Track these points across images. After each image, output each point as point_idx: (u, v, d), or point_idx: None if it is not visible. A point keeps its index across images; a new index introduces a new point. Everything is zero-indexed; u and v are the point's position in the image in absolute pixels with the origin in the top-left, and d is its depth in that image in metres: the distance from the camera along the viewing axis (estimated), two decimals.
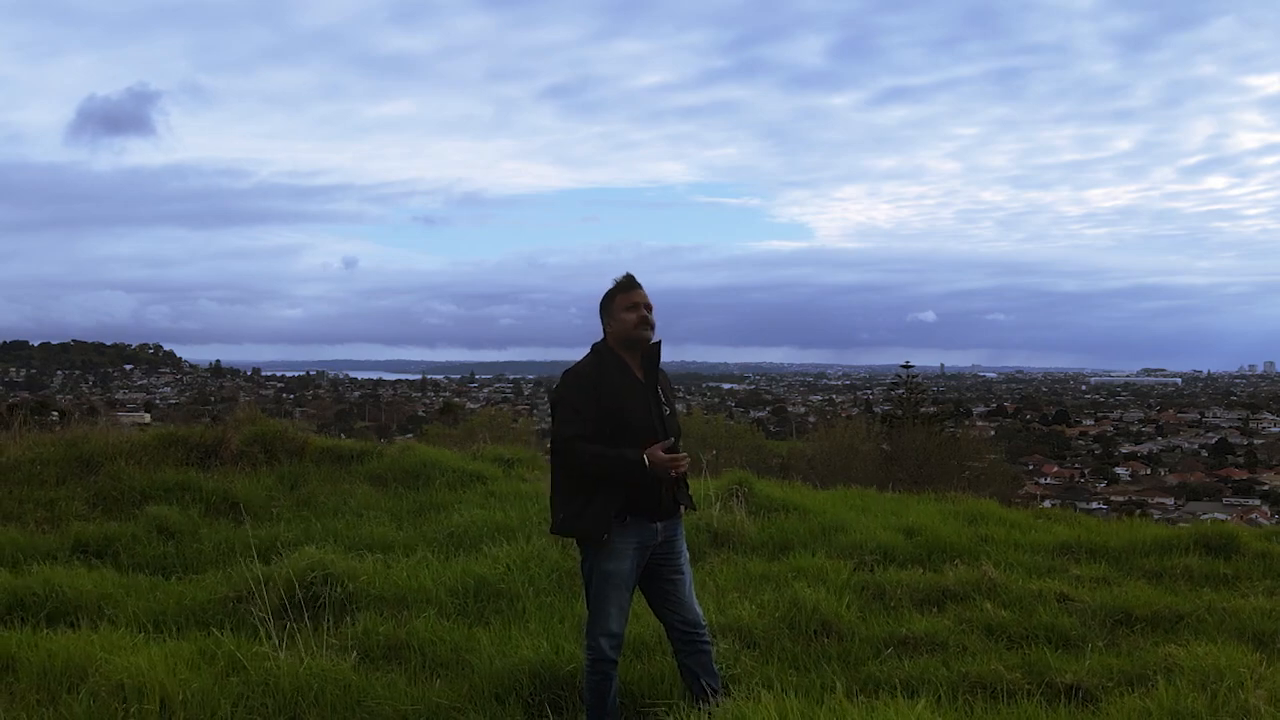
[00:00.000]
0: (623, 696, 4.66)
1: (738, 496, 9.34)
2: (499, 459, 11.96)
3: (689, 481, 4.91)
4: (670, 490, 4.48)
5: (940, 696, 4.67)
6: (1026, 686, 5.03)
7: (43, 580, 6.86)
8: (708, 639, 4.68)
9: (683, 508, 4.65)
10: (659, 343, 4.62)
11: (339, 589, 6.49)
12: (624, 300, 4.55)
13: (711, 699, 4.20)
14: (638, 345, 4.52)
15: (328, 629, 5.84)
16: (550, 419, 4.86)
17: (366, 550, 7.67)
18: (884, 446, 33.53)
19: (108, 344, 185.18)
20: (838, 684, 4.58)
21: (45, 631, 5.74)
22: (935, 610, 6.50)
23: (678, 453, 4.39)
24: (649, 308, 4.55)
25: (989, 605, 6.41)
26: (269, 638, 5.46)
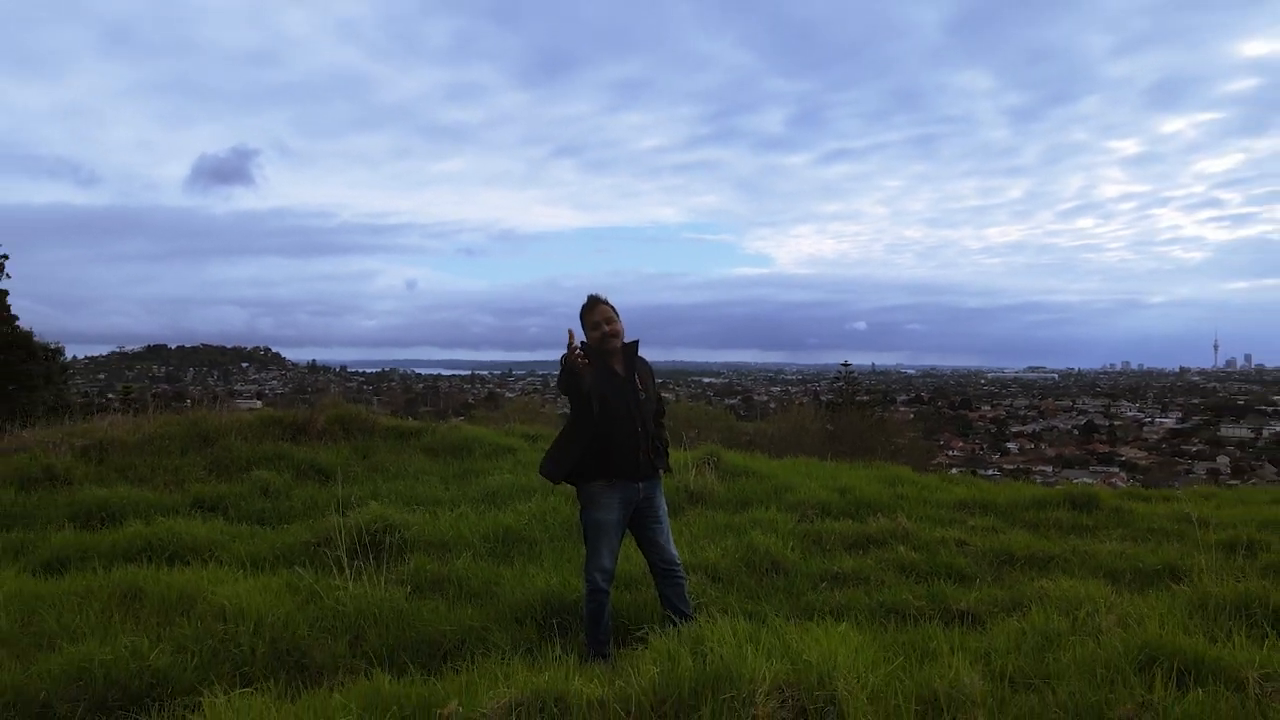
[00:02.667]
0: (614, 620, 4.58)
1: (710, 464, 9.21)
2: (525, 435, 11.82)
3: (669, 451, 4.83)
4: (649, 457, 4.42)
5: (860, 620, 4.60)
6: (929, 611, 4.96)
7: (167, 529, 6.77)
8: (682, 575, 4.61)
9: (661, 471, 4.59)
10: (635, 342, 4.54)
11: (397, 536, 6.40)
12: (588, 319, 4.49)
13: (682, 622, 4.13)
14: (608, 353, 4.45)
15: (387, 567, 5.76)
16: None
17: (420, 505, 7.57)
18: (828, 426, 33.29)
19: (228, 347, 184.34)
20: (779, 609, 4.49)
21: (165, 569, 5.68)
22: (860, 552, 6.39)
23: (638, 417, 4.35)
24: (609, 320, 4.46)
25: (902, 548, 6.31)
26: (341, 573, 5.38)
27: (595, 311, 4.46)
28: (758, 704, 2.90)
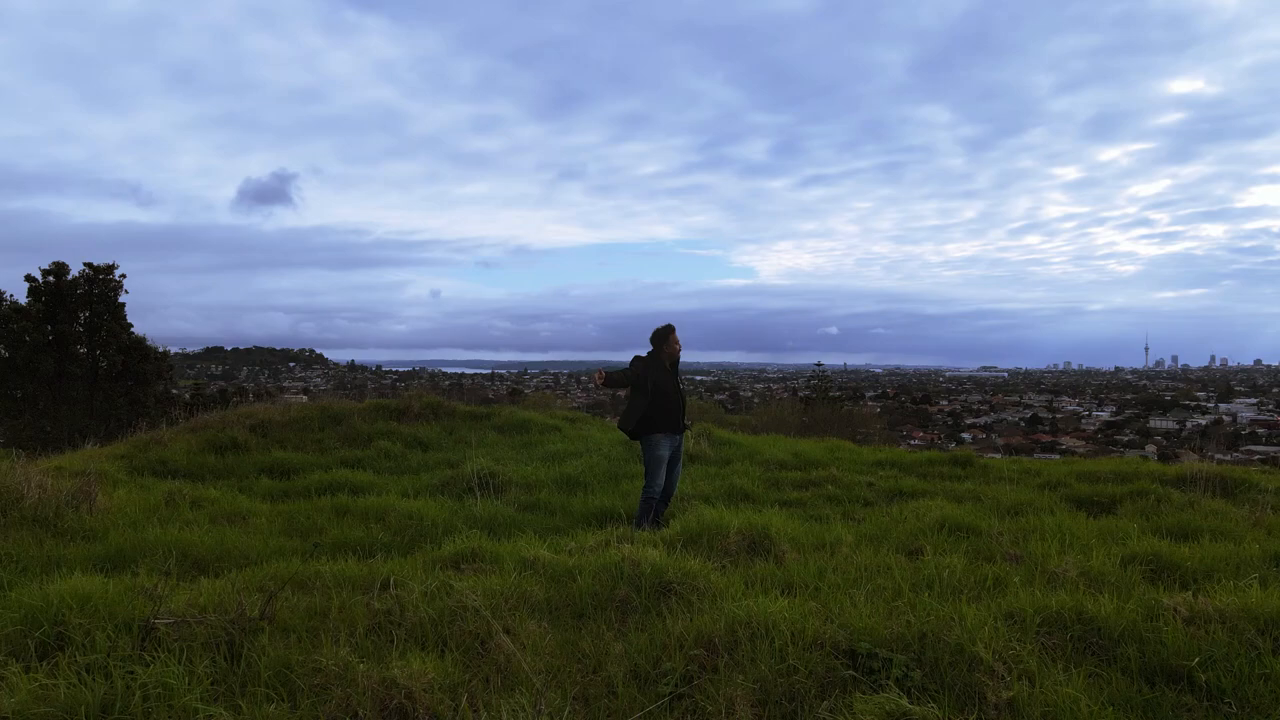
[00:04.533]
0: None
1: (704, 437, 11.35)
2: (566, 418, 13.97)
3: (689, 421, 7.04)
4: (681, 420, 6.61)
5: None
6: (841, 519, 7.14)
7: (339, 476, 8.92)
8: (669, 498, 6.76)
9: (687, 429, 6.77)
10: (679, 351, 6.76)
11: (498, 479, 8.56)
12: (670, 337, 6.67)
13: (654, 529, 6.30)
14: (672, 357, 6.67)
15: (494, 497, 7.94)
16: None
17: (503, 463, 9.73)
18: (804, 418, 35.51)
19: (277, 349, 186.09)
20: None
21: (353, 498, 7.83)
22: (804, 490, 8.54)
23: (679, 411, 6.55)
24: (677, 341, 6.69)
25: (830, 487, 8.48)
26: (470, 498, 7.58)
27: (674, 335, 6.67)
28: (730, 539, 5.11)
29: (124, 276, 27.19)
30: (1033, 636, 3.45)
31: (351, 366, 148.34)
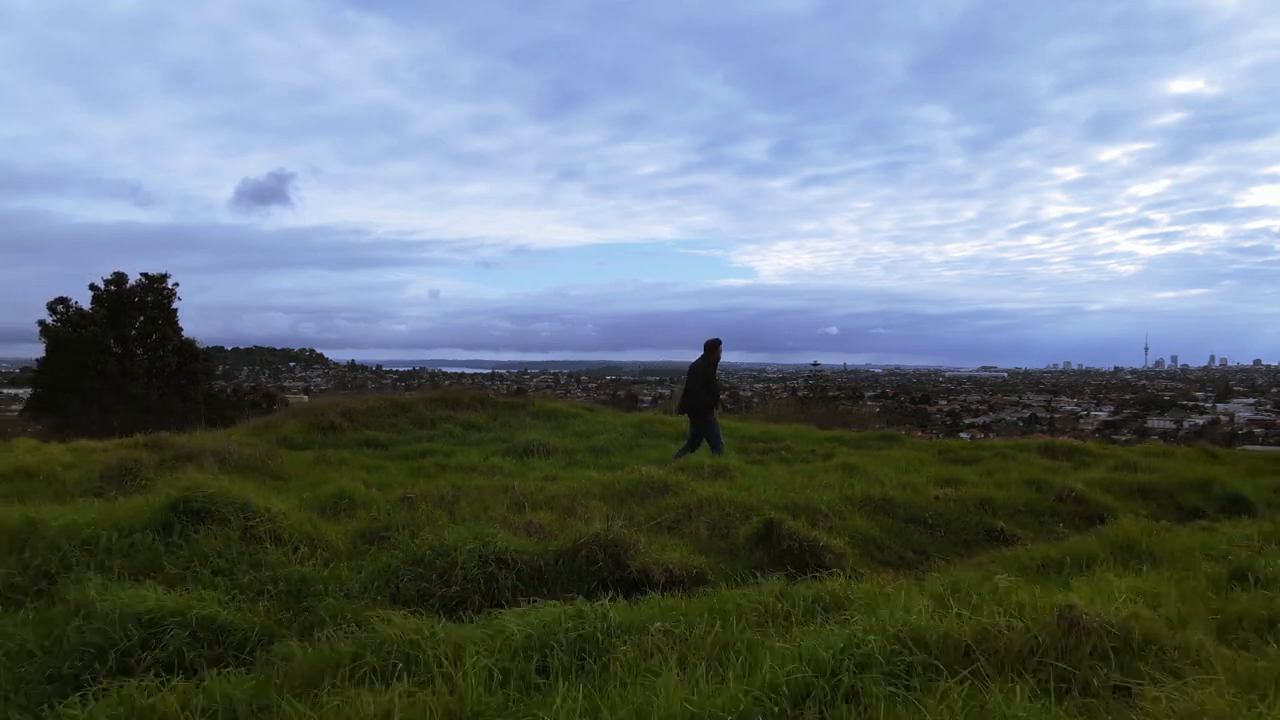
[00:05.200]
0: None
1: None
2: (585, 407, 17.28)
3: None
4: (719, 403, 9.95)
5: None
6: (778, 464, 10.41)
7: (427, 446, 12.23)
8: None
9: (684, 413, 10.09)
10: (717, 357, 10.11)
11: (544, 447, 11.84)
12: (718, 348, 10.05)
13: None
14: (711, 360, 10.05)
15: (546, 458, 11.22)
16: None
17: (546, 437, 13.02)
18: (800, 418, 38.82)
19: (278, 348, 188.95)
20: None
21: (445, 458, 11.08)
22: (764, 454, 11.81)
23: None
24: (715, 351, 10.10)
25: (784, 452, 11.78)
26: (528, 458, 10.89)
27: (720, 346, 10.04)
28: (704, 469, 8.41)
29: (176, 285, 30.57)
30: (855, 505, 6.76)
31: (352, 366, 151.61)
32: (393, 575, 4.78)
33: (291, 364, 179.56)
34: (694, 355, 10.53)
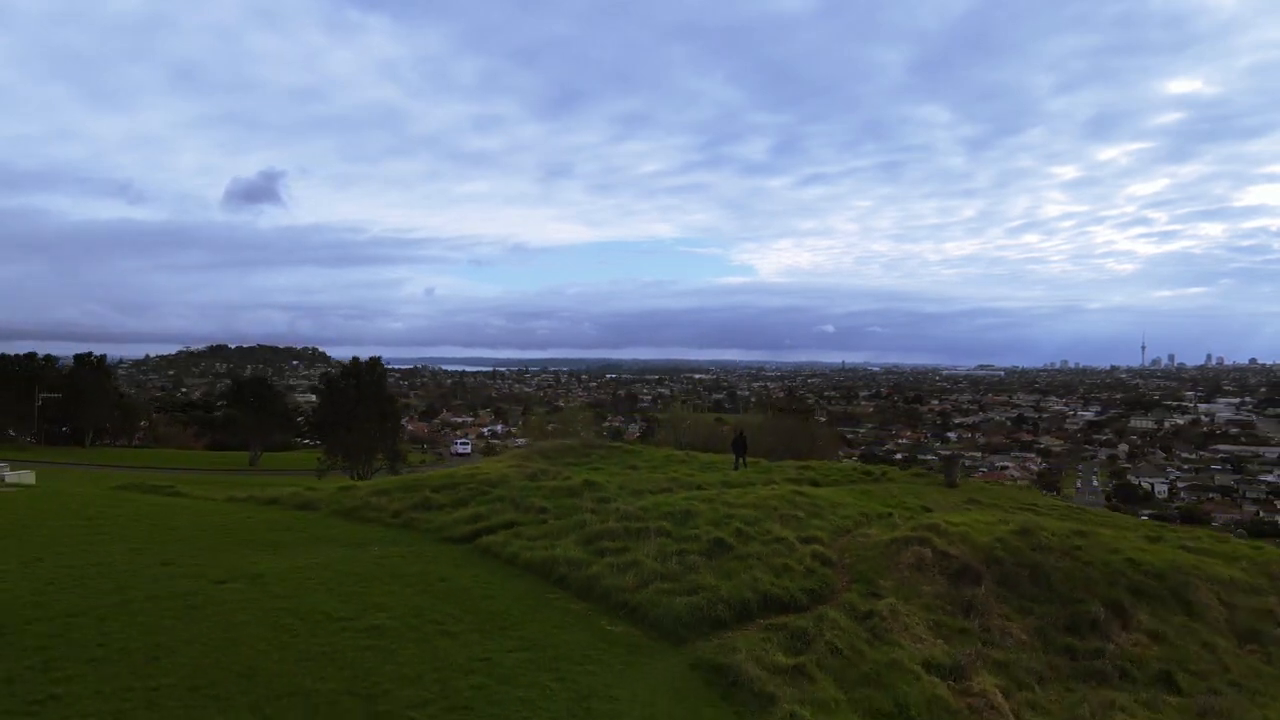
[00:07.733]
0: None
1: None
2: (638, 447, 21.38)
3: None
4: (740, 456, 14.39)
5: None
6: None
7: (592, 477, 16.43)
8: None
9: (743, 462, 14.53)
10: (745, 439, 14.56)
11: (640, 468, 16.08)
12: (737, 433, 14.53)
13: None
14: (742, 439, 14.56)
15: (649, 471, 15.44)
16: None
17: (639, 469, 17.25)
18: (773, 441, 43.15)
19: (280, 347, 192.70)
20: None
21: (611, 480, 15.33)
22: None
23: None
24: (741, 436, 14.62)
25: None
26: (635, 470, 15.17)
27: (738, 433, 14.59)
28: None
29: (387, 365, 42.93)
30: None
31: (354, 363, 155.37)
32: None
33: (295, 362, 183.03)
34: (693, 353, 14.93)
